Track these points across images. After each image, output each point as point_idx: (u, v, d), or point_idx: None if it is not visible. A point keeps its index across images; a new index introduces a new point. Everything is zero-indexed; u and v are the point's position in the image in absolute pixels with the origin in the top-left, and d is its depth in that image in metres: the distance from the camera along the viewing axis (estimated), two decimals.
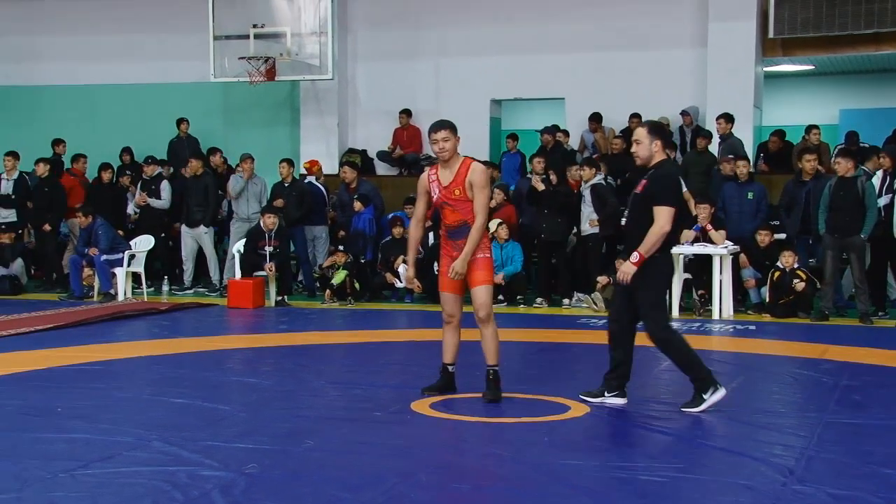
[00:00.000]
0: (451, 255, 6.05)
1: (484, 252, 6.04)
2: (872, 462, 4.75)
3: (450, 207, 6.01)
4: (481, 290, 6.00)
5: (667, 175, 5.80)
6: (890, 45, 13.02)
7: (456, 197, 5.97)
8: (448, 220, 6.05)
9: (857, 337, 9.14)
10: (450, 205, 6.00)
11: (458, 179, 5.97)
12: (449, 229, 6.07)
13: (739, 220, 11.11)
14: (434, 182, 6.05)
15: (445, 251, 6.11)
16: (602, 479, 4.45)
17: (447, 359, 6.24)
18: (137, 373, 7.40)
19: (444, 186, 6.00)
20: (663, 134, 5.93)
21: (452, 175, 6.00)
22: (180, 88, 15.61)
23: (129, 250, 12.37)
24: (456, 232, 6.02)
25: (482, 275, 6.01)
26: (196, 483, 4.35)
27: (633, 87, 13.90)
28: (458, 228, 6.01)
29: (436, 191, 6.04)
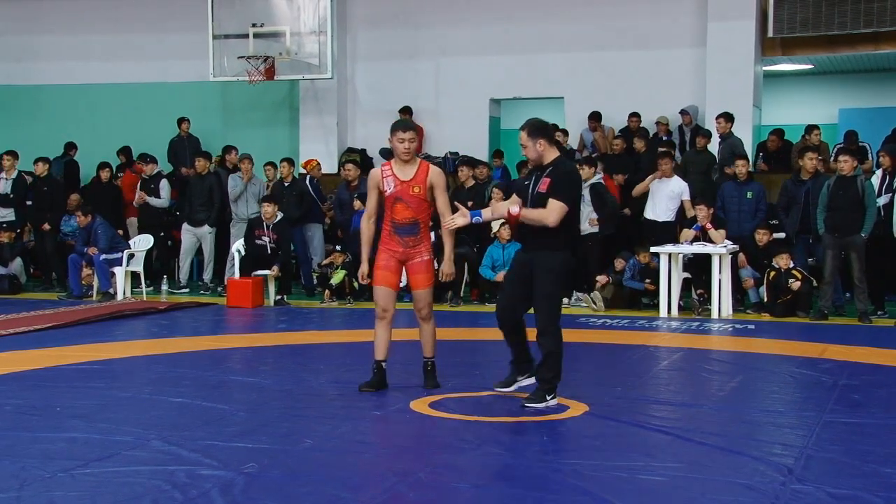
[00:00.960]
0: (394, 251, 6.20)
1: (426, 254, 6.25)
2: (872, 461, 4.75)
3: (403, 203, 6.14)
4: (422, 293, 6.25)
5: (569, 173, 5.95)
6: (889, 44, 13.02)
7: (414, 194, 6.14)
8: (398, 217, 6.17)
9: (857, 336, 9.15)
10: (405, 201, 6.13)
11: (420, 178, 6.17)
12: (398, 225, 6.19)
13: (739, 220, 11.12)
14: (390, 177, 6.17)
15: (387, 246, 6.23)
16: (601, 478, 4.45)
17: (380, 355, 6.32)
18: (136, 372, 7.40)
19: (403, 181, 6.14)
20: (545, 131, 5.95)
21: (413, 173, 6.17)
22: (179, 88, 15.62)
23: (128, 250, 12.37)
24: (404, 228, 6.17)
25: (425, 277, 6.24)
26: (195, 482, 4.35)
27: (633, 86, 13.91)
28: (408, 225, 6.17)
29: (391, 185, 6.15)
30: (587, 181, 11.39)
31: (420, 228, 6.22)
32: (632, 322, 10.00)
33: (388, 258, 6.23)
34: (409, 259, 6.24)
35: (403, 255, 6.22)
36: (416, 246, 6.22)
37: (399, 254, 6.22)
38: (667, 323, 10.06)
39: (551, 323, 5.87)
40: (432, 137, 14.81)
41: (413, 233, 6.20)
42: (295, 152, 14.88)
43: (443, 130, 14.73)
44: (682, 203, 11.43)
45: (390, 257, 6.23)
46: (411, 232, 6.20)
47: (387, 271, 6.23)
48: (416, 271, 6.24)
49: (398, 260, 6.24)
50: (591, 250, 11.46)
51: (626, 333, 9.29)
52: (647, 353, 8.26)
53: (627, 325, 9.77)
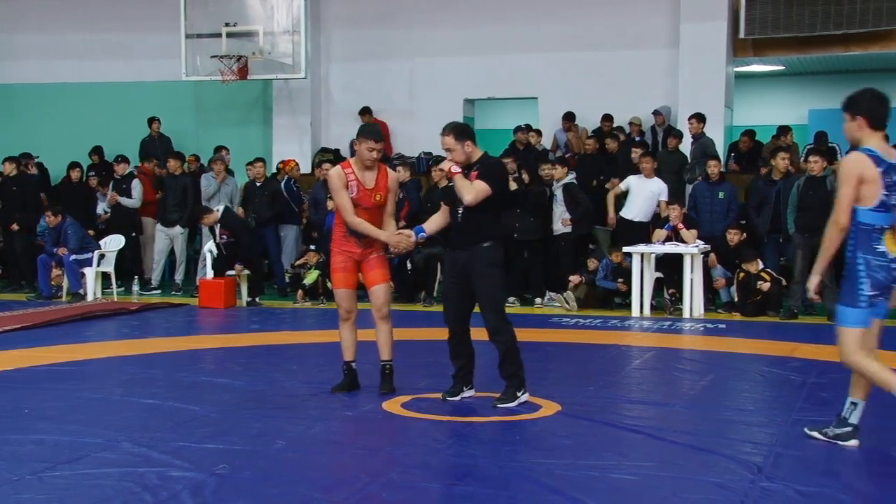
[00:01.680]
0: (351, 252, 6.20)
1: (380, 251, 6.27)
2: (839, 459, 4.81)
3: (363, 209, 6.14)
4: (381, 288, 6.24)
5: (495, 164, 6.09)
6: (858, 46, 13.16)
7: (375, 202, 6.17)
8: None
9: (825, 335, 9.19)
10: (365, 207, 6.14)
11: (381, 185, 6.20)
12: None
13: (711, 220, 11.19)
14: (353, 182, 6.15)
15: (343, 248, 6.23)
16: (573, 477, 4.46)
17: (348, 356, 6.34)
18: (107, 373, 7.35)
19: (366, 189, 6.14)
20: (470, 133, 6.02)
21: (374, 180, 6.18)
22: (152, 87, 15.53)
23: (99, 250, 12.28)
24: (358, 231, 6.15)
25: (382, 273, 6.24)
26: (166, 484, 4.33)
27: (606, 86, 13.97)
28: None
29: (354, 190, 6.13)
30: (560, 181, 11.44)
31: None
32: (604, 322, 10.04)
33: (345, 260, 6.23)
34: (364, 258, 6.23)
35: (360, 255, 6.22)
36: (371, 244, 6.23)
37: (356, 254, 6.22)
38: (639, 322, 10.11)
39: (501, 319, 5.92)
40: (407, 137, 14.81)
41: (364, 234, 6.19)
42: (268, 152, 14.83)
43: (417, 130, 14.72)
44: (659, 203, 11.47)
45: (348, 259, 6.23)
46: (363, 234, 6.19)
47: (346, 273, 6.24)
48: (372, 267, 6.22)
49: (355, 261, 6.24)
50: (563, 250, 11.51)
51: (599, 333, 9.33)
52: (619, 353, 8.30)
53: (600, 325, 9.81)
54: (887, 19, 12.49)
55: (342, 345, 6.36)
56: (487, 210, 5.89)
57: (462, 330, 6.06)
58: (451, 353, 6.13)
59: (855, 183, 4.75)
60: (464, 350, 6.09)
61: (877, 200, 4.77)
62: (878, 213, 4.80)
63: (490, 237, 5.93)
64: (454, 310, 6.04)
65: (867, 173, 4.75)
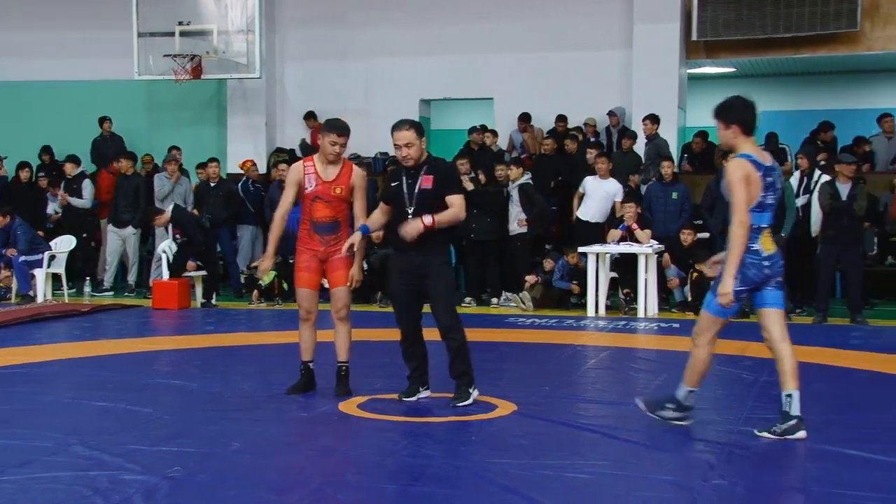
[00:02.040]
0: (315, 250, 6.15)
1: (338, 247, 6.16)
2: (789, 456, 4.88)
3: (323, 202, 6.10)
4: (342, 290, 6.19)
5: (451, 167, 6.30)
6: (807, 48, 13.37)
7: (335, 195, 6.10)
8: (317, 215, 6.12)
9: None
10: (325, 200, 6.09)
11: (343, 179, 6.13)
12: (316, 224, 6.13)
13: (665, 220, 11.30)
14: (312, 174, 6.11)
15: (307, 246, 6.17)
16: (529, 477, 4.48)
17: (306, 356, 6.32)
18: (58, 376, 7.24)
19: (326, 181, 6.09)
20: (424, 131, 6.09)
21: (336, 173, 6.12)
22: (103, 86, 15.33)
23: (49, 251, 12.10)
24: (323, 227, 6.13)
25: (345, 274, 6.17)
26: (118, 488, 4.27)
27: (561, 87, 14.05)
28: (327, 224, 6.13)
29: (312, 183, 6.10)
30: (515, 182, 11.48)
31: (340, 227, 6.19)
32: (560, 321, 10.10)
33: (309, 258, 6.17)
34: (329, 257, 6.17)
35: (324, 253, 6.16)
36: (336, 244, 6.15)
37: (320, 252, 6.16)
38: (594, 322, 10.18)
39: (455, 318, 5.97)
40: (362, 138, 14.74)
41: (333, 231, 6.15)
42: (223, 152, 14.71)
43: (373, 131, 14.64)
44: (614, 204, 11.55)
45: (312, 257, 6.16)
46: (332, 230, 6.15)
47: (308, 272, 6.18)
48: (336, 267, 6.16)
49: (319, 259, 6.17)
50: (519, 250, 11.55)
51: (555, 333, 9.38)
52: (574, 353, 8.36)
53: (556, 325, 9.86)
54: (835, 23, 12.70)
55: (301, 345, 6.32)
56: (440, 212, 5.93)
57: (415, 331, 6.06)
58: (405, 355, 6.13)
59: (745, 185, 5.07)
60: (417, 351, 6.10)
61: (756, 201, 5.10)
62: (756, 214, 5.12)
63: (443, 239, 5.99)
64: (407, 311, 6.03)
65: (752, 176, 5.10)
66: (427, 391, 6.15)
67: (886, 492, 4.26)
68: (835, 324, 10.06)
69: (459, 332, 5.96)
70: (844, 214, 9.92)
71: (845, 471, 4.59)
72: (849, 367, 7.54)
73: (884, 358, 7.95)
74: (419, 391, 6.12)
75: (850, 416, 5.91)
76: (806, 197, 10.78)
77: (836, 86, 17.12)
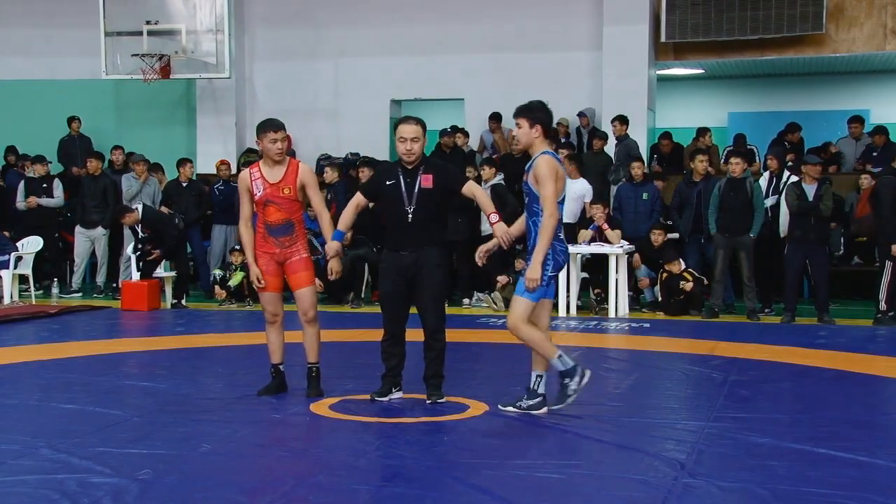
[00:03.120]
0: (271, 253, 6.09)
1: (303, 252, 6.14)
2: (759, 455, 4.92)
3: (274, 205, 6.03)
4: (306, 291, 6.14)
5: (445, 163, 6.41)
6: (774, 50, 13.50)
7: (284, 195, 6.02)
8: (271, 218, 6.05)
9: (745, 333, 9.45)
10: (275, 203, 6.02)
11: (289, 178, 6.04)
12: (270, 227, 6.07)
13: (635, 221, 11.36)
14: (258, 179, 6.05)
15: (264, 249, 6.12)
16: (500, 477, 4.49)
17: (276, 359, 6.29)
18: (24, 378, 7.16)
19: (272, 184, 6.02)
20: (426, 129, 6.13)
21: (282, 174, 6.04)
22: (70, 85, 15.17)
23: (16, 252, 11.96)
24: (277, 229, 6.06)
25: (307, 275, 6.14)
26: (86, 491, 4.23)
27: (532, 88, 13.92)
28: (281, 226, 6.05)
29: (259, 188, 6.03)
30: (488, 182, 11.49)
31: (294, 228, 6.12)
32: None
33: (267, 262, 6.12)
34: (287, 259, 6.10)
35: (281, 255, 6.10)
36: (291, 245, 6.09)
37: (277, 255, 6.10)
38: (565, 322, 10.22)
39: (442, 319, 6.00)
40: (333, 138, 14.74)
41: (287, 233, 6.08)
42: (192, 153, 14.62)
43: (343, 131, 14.68)
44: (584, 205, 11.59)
45: (269, 260, 6.11)
46: (286, 232, 6.08)
47: (269, 276, 6.12)
48: (296, 269, 6.11)
49: (277, 262, 6.12)
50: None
51: None
52: None
53: None
54: (801, 25, 12.83)
55: (269, 348, 6.30)
56: (439, 211, 5.96)
57: (400, 331, 6.04)
58: (384, 354, 6.11)
59: (554, 180, 5.51)
60: (397, 351, 6.08)
61: (561, 195, 5.58)
62: (561, 206, 5.63)
63: (438, 239, 5.97)
64: (395, 312, 6.01)
65: (559, 172, 5.57)
66: (399, 392, 6.14)
67: (854, 490, 4.31)
68: (802, 323, 10.16)
69: (443, 333, 5.98)
70: (811, 215, 10.03)
71: (813, 469, 4.64)
72: (816, 365, 7.61)
73: (850, 357, 8.04)
74: (392, 391, 6.11)
75: (817, 414, 5.97)
76: (775, 198, 10.89)
77: (803, 87, 17.31)
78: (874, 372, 7.38)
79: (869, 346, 8.71)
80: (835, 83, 17.07)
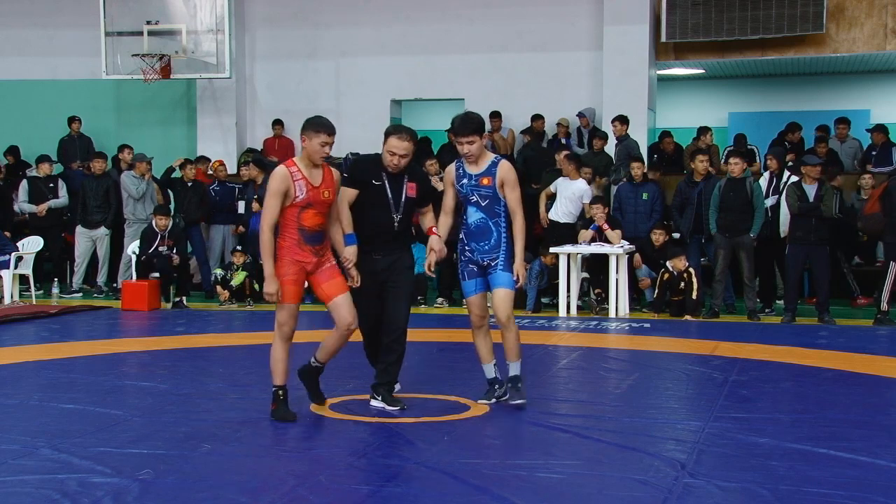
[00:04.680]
0: (305, 262, 5.59)
1: (333, 258, 5.76)
2: (759, 454, 4.92)
3: (314, 210, 5.59)
4: (348, 297, 5.69)
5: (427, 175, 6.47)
6: (775, 51, 13.50)
7: (324, 199, 5.63)
8: (308, 223, 5.57)
9: (746, 333, 9.45)
10: (315, 207, 5.59)
11: (328, 181, 5.68)
12: (307, 233, 5.58)
13: (635, 221, 11.35)
14: (301, 180, 5.54)
15: (297, 258, 5.56)
16: (501, 476, 4.49)
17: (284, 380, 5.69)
18: (24, 378, 7.15)
19: (315, 187, 5.58)
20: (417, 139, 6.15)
21: (321, 177, 5.64)
22: (70, 85, 15.18)
23: (17, 252, 11.96)
24: (314, 236, 5.62)
25: (343, 281, 5.72)
26: (87, 491, 4.23)
27: (532, 88, 14.10)
28: (317, 233, 5.64)
29: (303, 190, 5.53)
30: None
31: (326, 234, 5.73)
32: (532, 322, 10.13)
33: (297, 272, 5.59)
34: (319, 267, 5.66)
35: (314, 264, 5.64)
36: (325, 253, 5.71)
37: (309, 264, 5.62)
38: (566, 322, 10.22)
39: (407, 321, 5.97)
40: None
41: (322, 240, 5.67)
42: (193, 152, 14.61)
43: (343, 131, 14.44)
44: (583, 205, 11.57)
45: (300, 270, 5.60)
46: (321, 239, 5.66)
47: (296, 286, 5.61)
48: (332, 276, 5.66)
49: (307, 271, 5.65)
50: None
51: (526, 333, 9.34)
52: (546, 353, 8.38)
53: (527, 325, 9.88)
54: (801, 25, 12.83)
55: (278, 367, 5.66)
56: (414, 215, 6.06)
57: (377, 332, 6.00)
58: (372, 358, 6.10)
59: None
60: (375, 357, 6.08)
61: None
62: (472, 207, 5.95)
63: (409, 242, 6.07)
64: (372, 314, 5.95)
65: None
66: (397, 385, 6.11)
67: (854, 490, 4.31)
68: (802, 323, 10.16)
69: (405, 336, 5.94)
70: (812, 215, 10.02)
71: (814, 469, 4.64)
72: (816, 365, 7.61)
73: (851, 357, 8.04)
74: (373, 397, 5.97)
75: (818, 414, 5.97)
76: (775, 198, 10.89)
77: (803, 87, 17.32)
78: (874, 372, 7.38)
79: (869, 346, 8.71)
80: (835, 83, 17.07)
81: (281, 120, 14.53)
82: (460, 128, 5.88)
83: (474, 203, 5.93)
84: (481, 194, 5.90)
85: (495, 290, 5.95)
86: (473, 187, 5.92)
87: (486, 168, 5.91)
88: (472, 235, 5.97)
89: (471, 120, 5.90)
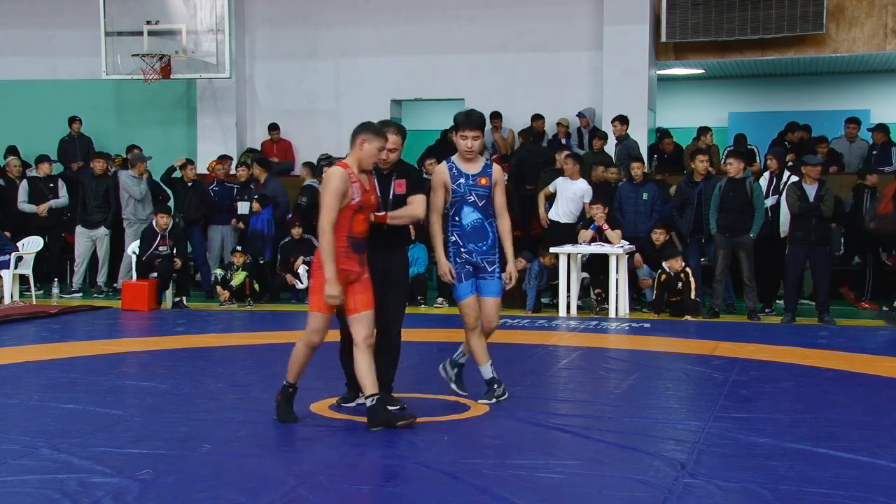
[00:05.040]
0: (350, 270, 5.38)
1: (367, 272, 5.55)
2: (759, 454, 4.92)
3: (365, 215, 5.44)
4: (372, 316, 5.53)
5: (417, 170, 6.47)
6: (775, 51, 13.50)
7: (372, 203, 5.50)
8: (358, 229, 5.41)
9: (746, 333, 9.45)
10: (365, 211, 5.44)
11: (373, 186, 5.59)
12: (355, 240, 5.41)
13: (635, 221, 11.35)
14: (356, 183, 5.37)
15: (344, 265, 5.35)
16: (500, 477, 4.49)
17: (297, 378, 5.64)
18: (24, 378, 7.15)
19: (366, 190, 5.45)
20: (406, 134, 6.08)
21: (368, 181, 5.53)
22: (70, 85, 15.18)
23: (17, 252, 11.96)
24: (361, 244, 5.45)
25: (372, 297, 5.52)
26: (87, 491, 4.23)
27: (532, 88, 14.09)
28: (364, 240, 5.47)
29: (357, 193, 5.36)
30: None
31: (367, 244, 5.54)
32: (532, 322, 10.13)
33: (342, 281, 5.34)
34: (358, 277, 5.45)
35: (356, 274, 5.43)
36: (365, 263, 5.51)
37: (353, 274, 5.41)
38: (566, 322, 10.22)
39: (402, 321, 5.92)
40: (333, 138, 14.72)
41: (365, 249, 5.50)
42: (193, 152, 14.63)
43: (343, 131, 14.53)
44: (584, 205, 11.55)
45: (345, 280, 5.37)
46: (365, 248, 5.49)
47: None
48: (367, 287, 5.47)
49: (348, 282, 5.39)
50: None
51: (526, 333, 9.41)
52: (546, 353, 8.38)
53: (528, 325, 9.89)
54: (801, 25, 12.84)
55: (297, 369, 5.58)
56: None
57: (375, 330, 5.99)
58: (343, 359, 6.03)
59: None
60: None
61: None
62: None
63: (405, 241, 6.09)
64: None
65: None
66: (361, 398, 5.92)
67: (854, 489, 4.31)
68: (802, 323, 10.16)
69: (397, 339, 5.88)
70: (812, 216, 10.02)
71: (814, 469, 4.64)
72: (816, 365, 7.61)
73: (851, 357, 8.04)
74: (358, 396, 5.85)
75: (818, 414, 5.97)
76: (775, 198, 10.89)
77: (803, 87, 17.32)
78: (874, 372, 7.38)
79: (869, 346, 8.71)
80: (835, 83, 17.07)
81: (277, 124, 14.54)
82: (465, 122, 5.95)
83: (471, 203, 5.94)
84: (479, 194, 5.94)
85: (488, 298, 6.01)
86: (471, 187, 5.94)
87: (482, 168, 5.99)
88: (468, 236, 5.97)
89: (475, 116, 6.02)
